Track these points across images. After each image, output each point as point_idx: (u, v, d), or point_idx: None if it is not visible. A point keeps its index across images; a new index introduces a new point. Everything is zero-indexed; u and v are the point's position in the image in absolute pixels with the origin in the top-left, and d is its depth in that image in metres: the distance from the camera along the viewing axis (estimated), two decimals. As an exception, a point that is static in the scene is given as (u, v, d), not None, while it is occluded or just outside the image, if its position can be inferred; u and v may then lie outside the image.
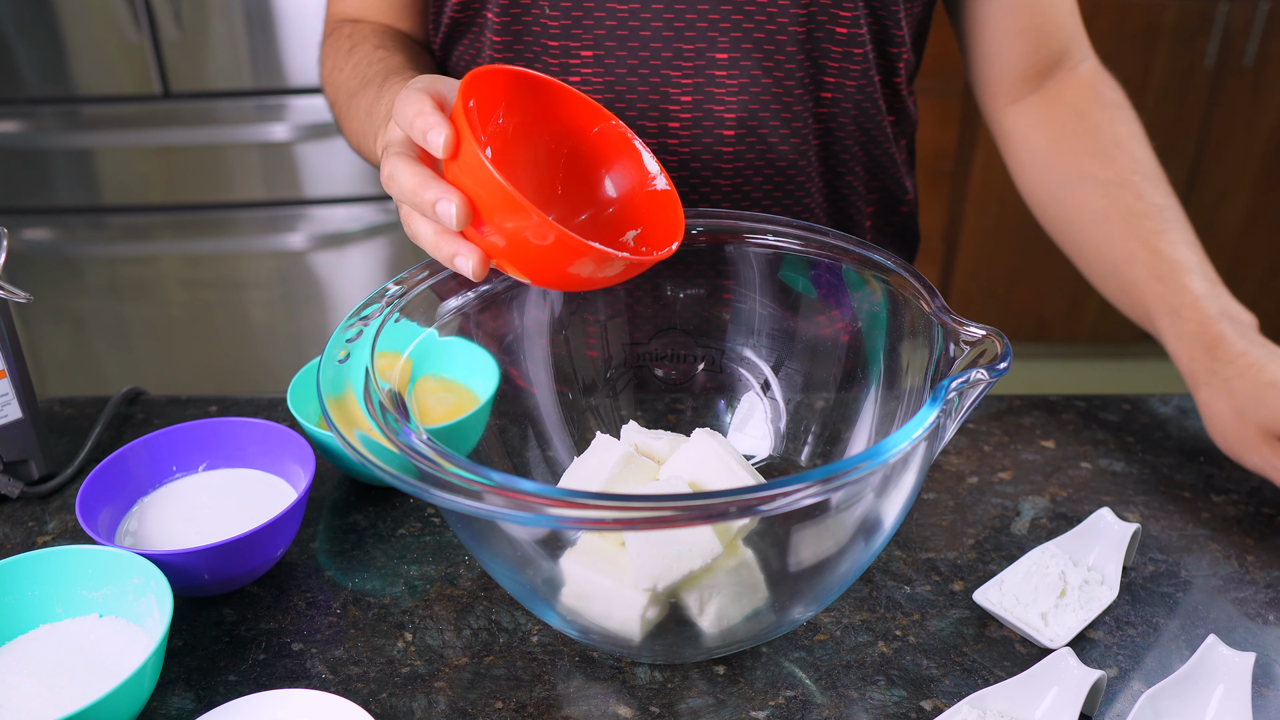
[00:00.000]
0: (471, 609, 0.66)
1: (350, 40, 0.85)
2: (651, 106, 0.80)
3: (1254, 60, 2.18)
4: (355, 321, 0.60)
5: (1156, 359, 2.69)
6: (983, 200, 2.34)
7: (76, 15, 1.81)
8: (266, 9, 1.82)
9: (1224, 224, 2.36)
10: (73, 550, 0.62)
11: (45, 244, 1.99)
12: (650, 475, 0.63)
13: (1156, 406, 0.86)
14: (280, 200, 1.98)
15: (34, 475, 0.77)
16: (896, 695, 0.60)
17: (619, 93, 0.79)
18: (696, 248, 0.71)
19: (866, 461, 0.48)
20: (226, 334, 2.11)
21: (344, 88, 0.82)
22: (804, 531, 0.57)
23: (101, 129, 1.89)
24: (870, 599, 0.67)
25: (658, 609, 0.58)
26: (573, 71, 0.79)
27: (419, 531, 0.73)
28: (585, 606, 0.58)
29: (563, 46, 0.78)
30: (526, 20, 0.79)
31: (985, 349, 0.56)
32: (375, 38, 0.84)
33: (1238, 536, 0.72)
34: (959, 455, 0.80)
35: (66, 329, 2.09)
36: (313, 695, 0.56)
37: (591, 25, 0.78)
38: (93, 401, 0.87)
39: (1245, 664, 0.59)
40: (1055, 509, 0.75)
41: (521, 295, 0.70)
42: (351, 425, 0.52)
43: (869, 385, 0.68)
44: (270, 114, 1.89)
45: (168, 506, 0.71)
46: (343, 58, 0.84)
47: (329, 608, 0.67)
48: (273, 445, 0.73)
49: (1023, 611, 0.64)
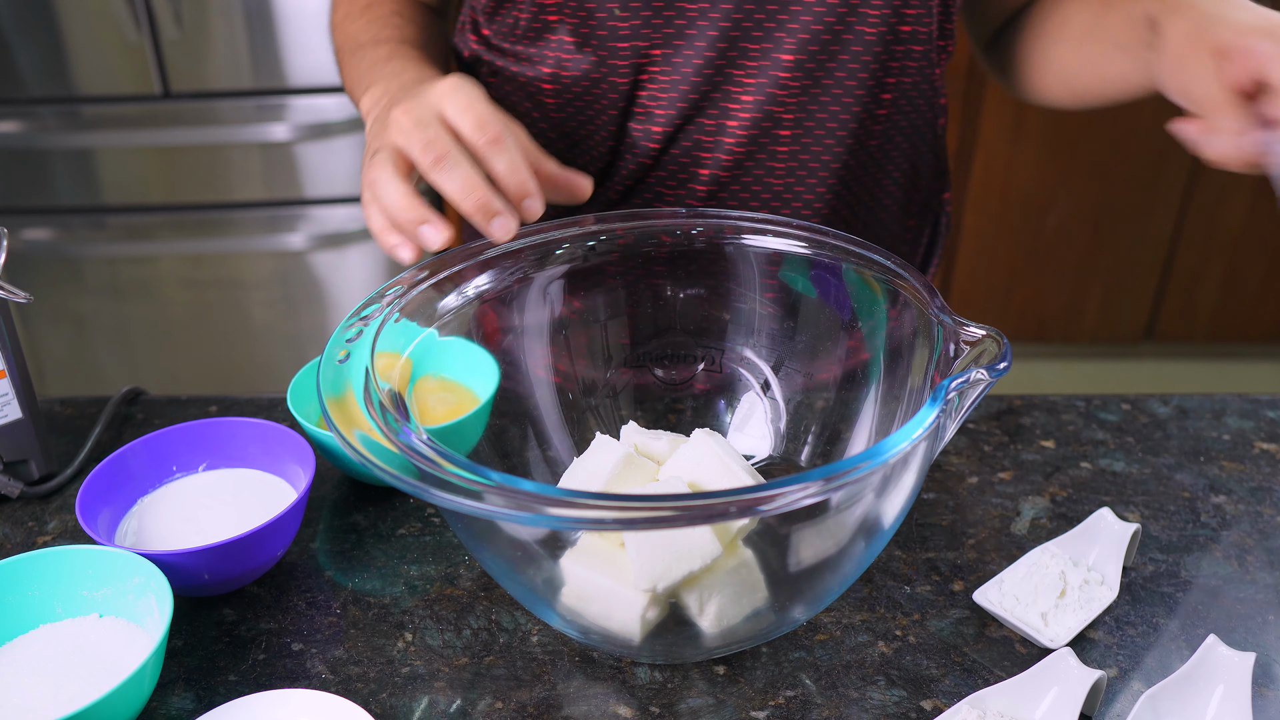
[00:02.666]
0: (471, 609, 0.66)
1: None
2: (712, 105, 0.80)
3: (1254, 60, 2.18)
4: (355, 321, 0.60)
5: (1156, 359, 2.70)
6: (983, 200, 2.34)
7: (76, 15, 1.81)
8: (266, 9, 1.82)
9: (1224, 224, 2.36)
10: (73, 550, 0.62)
11: (45, 244, 1.99)
12: (650, 476, 0.63)
13: (1156, 406, 0.86)
14: (280, 200, 1.98)
15: (34, 475, 0.77)
16: (896, 695, 0.60)
17: (682, 92, 0.79)
18: (696, 248, 0.71)
19: (866, 461, 0.48)
20: (226, 334, 2.11)
21: (354, 38, 0.83)
22: (804, 531, 0.57)
23: (101, 129, 1.89)
24: (870, 599, 0.67)
25: (658, 609, 0.58)
26: (642, 70, 0.79)
27: (419, 531, 0.73)
28: (585, 607, 0.58)
29: (632, 47, 0.78)
30: (593, 24, 0.79)
31: (985, 349, 0.56)
32: (392, 2, 0.86)
33: (1238, 536, 0.72)
34: (959, 455, 0.80)
35: (66, 329, 2.09)
36: (313, 695, 0.56)
37: (660, 25, 0.77)
38: (93, 401, 0.87)
39: (1245, 664, 0.59)
40: (1055, 509, 0.75)
41: (522, 295, 0.70)
42: (351, 425, 0.52)
43: (869, 385, 0.68)
44: (270, 114, 1.89)
45: (168, 506, 0.71)
46: (358, 10, 0.85)
47: (329, 608, 0.67)
48: (273, 445, 0.73)
49: (1023, 611, 0.64)
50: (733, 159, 0.81)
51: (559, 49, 0.81)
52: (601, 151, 0.84)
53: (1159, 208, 2.34)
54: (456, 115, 0.63)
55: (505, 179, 0.63)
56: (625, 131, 0.82)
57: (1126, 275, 2.43)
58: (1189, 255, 2.40)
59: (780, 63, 0.78)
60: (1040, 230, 2.38)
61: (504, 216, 0.62)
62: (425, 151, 0.62)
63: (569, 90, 0.82)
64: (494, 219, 0.62)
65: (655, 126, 0.81)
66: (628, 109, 0.81)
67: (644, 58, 0.79)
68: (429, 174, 0.62)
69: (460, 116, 0.63)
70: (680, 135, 0.81)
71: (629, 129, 0.82)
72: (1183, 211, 2.34)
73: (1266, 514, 0.74)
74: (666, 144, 0.82)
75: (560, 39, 0.80)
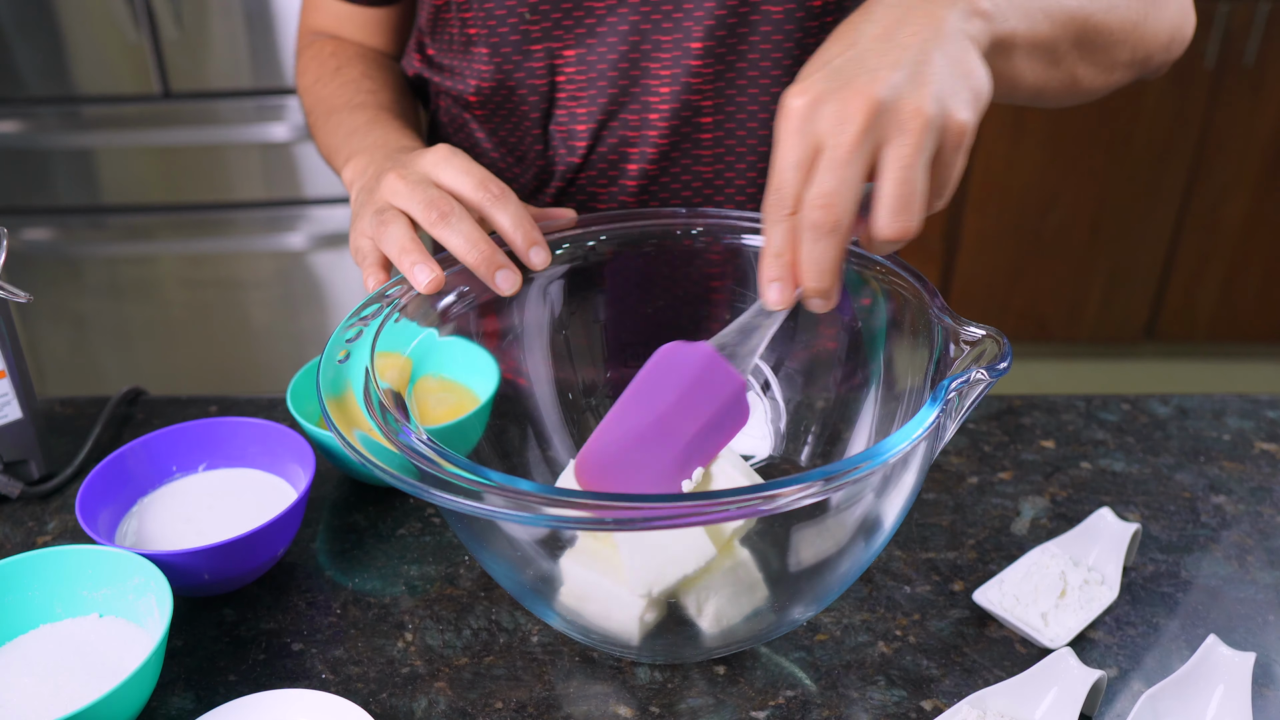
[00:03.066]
0: (471, 609, 0.66)
1: (336, 60, 0.87)
2: (632, 99, 0.80)
3: (1254, 60, 2.18)
4: (355, 321, 0.60)
5: (1156, 359, 2.70)
6: (983, 200, 2.34)
7: (76, 15, 1.81)
8: (266, 9, 1.82)
9: (1224, 224, 2.36)
10: (73, 550, 0.62)
11: (45, 244, 1.99)
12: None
13: (1156, 406, 0.86)
14: (280, 200, 1.98)
15: (34, 475, 0.77)
16: (896, 695, 0.60)
17: (600, 88, 0.79)
18: (696, 247, 0.71)
19: (866, 461, 0.48)
20: (226, 334, 2.11)
21: (327, 101, 0.84)
22: (804, 531, 0.57)
23: (101, 129, 1.89)
24: (870, 599, 0.67)
25: (656, 612, 0.58)
26: (558, 72, 0.80)
27: (419, 531, 0.73)
28: (584, 607, 0.58)
29: (545, 49, 0.79)
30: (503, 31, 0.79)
31: (985, 349, 0.56)
32: (361, 64, 0.87)
33: (1238, 536, 0.72)
34: (959, 455, 0.80)
35: (66, 329, 2.09)
36: (313, 695, 0.56)
37: (571, 25, 0.78)
38: (93, 401, 0.87)
39: (1245, 664, 0.59)
40: (1055, 509, 0.75)
41: (522, 295, 0.70)
42: (351, 425, 0.52)
43: (869, 385, 0.68)
44: (270, 114, 1.89)
45: (168, 506, 0.71)
46: (329, 73, 0.86)
47: (329, 608, 0.67)
48: (273, 445, 0.73)
49: (1023, 611, 0.64)
50: (658, 151, 0.81)
51: (477, 60, 0.82)
52: (532, 157, 0.85)
53: (1159, 208, 2.34)
54: (455, 178, 0.64)
55: (511, 231, 0.64)
56: (550, 135, 0.83)
57: (1126, 275, 2.43)
58: (1189, 255, 2.40)
59: (691, 51, 0.77)
60: (1040, 230, 2.38)
61: (508, 269, 0.63)
62: (428, 209, 0.63)
63: (491, 100, 0.83)
64: (499, 271, 0.63)
65: (579, 126, 0.81)
66: (549, 111, 0.82)
67: (559, 58, 0.79)
68: (433, 229, 0.63)
69: (460, 179, 0.64)
70: (605, 133, 0.82)
71: (552, 132, 0.83)
72: (1183, 211, 2.34)
73: (1266, 514, 0.74)
74: (593, 142, 0.82)
75: (479, 50, 0.81)
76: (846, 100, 0.49)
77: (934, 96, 0.49)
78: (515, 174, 0.86)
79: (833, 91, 0.50)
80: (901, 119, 0.49)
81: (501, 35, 0.79)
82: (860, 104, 0.49)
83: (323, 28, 0.92)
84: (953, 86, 0.50)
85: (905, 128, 0.49)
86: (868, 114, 0.49)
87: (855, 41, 0.53)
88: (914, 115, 0.49)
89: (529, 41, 0.79)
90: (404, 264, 0.62)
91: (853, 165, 0.49)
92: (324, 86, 0.85)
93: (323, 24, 0.92)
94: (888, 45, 0.51)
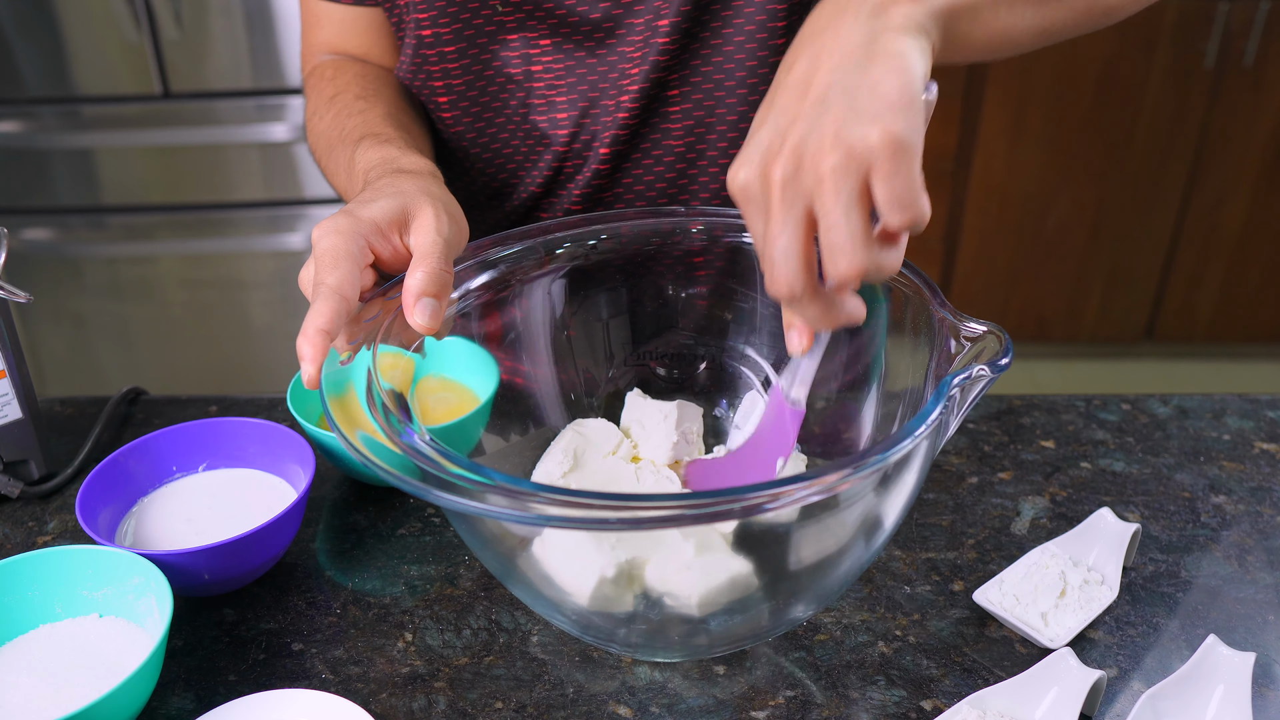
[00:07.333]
0: (471, 609, 0.66)
1: (333, 86, 0.85)
2: (611, 85, 0.79)
3: (1254, 60, 2.18)
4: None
5: (1156, 359, 2.70)
6: (983, 200, 2.34)
7: (76, 15, 1.81)
8: (266, 9, 1.82)
9: (1224, 224, 2.36)
10: (73, 550, 0.62)
11: (45, 244, 1.99)
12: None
13: (1156, 406, 0.86)
14: (280, 200, 1.98)
15: (34, 475, 0.77)
16: (896, 695, 0.60)
17: (579, 75, 0.79)
18: (697, 245, 0.71)
19: (867, 460, 0.48)
20: (226, 334, 2.11)
21: (324, 137, 0.82)
22: (804, 531, 0.57)
23: (101, 129, 1.89)
24: (870, 599, 0.67)
25: (624, 588, 0.57)
26: (534, 61, 0.79)
27: (419, 531, 0.73)
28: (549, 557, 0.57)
29: (522, 38, 0.78)
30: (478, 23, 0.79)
31: (986, 345, 0.56)
32: (357, 85, 0.84)
33: (1238, 536, 0.72)
34: (959, 455, 0.80)
35: (66, 329, 2.09)
36: (313, 695, 0.56)
37: (544, 15, 0.77)
38: (93, 401, 0.87)
39: (1245, 664, 0.59)
40: (1055, 509, 0.75)
41: (523, 295, 0.70)
42: (354, 426, 0.52)
43: (869, 385, 0.68)
44: (270, 114, 1.89)
45: (168, 506, 0.71)
46: (324, 104, 0.84)
47: (329, 608, 0.67)
48: (273, 445, 0.73)
49: (1023, 611, 0.64)
50: (629, 130, 0.81)
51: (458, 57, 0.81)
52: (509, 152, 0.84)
53: (1159, 208, 2.34)
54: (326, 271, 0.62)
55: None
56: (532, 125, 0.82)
57: (1126, 275, 2.43)
58: (1189, 255, 2.40)
59: (659, 29, 0.76)
60: (1040, 230, 2.38)
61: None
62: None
63: (470, 97, 0.82)
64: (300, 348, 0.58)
65: (559, 114, 0.81)
66: (526, 101, 0.81)
67: (534, 48, 0.79)
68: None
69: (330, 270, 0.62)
70: (586, 119, 0.81)
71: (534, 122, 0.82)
72: (1183, 211, 2.35)
73: (1266, 514, 0.74)
74: (575, 129, 0.81)
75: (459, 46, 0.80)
76: (768, 170, 0.50)
77: (834, 135, 0.49)
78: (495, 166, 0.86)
79: (758, 162, 0.51)
80: (817, 170, 0.49)
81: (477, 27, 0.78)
82: (778, 171, 0.50)
83: (326, 42, 0.90)
84: (851, 114, 0.49)
85: (818, 177, 0.49)
86: (784, 178, 0.50)
87: (773, 100, 0.53)
88: (818, 163, 0.49)
89: (504, 31, 0.78)
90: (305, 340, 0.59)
91: (786, 233, 0.50)
92: (320, 120, 0.83)
93: (325, 38, 0.90)
94: (799, 96, 0.52)
